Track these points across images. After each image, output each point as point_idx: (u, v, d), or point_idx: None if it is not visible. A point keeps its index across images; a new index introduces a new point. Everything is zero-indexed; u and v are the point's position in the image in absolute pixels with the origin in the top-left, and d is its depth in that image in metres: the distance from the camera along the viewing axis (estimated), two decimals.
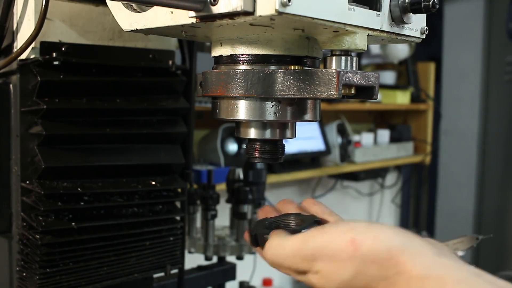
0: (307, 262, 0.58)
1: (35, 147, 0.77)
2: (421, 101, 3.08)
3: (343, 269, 0.56)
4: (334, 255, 0.56)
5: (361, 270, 0.55)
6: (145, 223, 0.88)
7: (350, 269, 0.55)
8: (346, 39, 0.59)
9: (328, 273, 0.57)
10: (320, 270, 0.58)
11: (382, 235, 0.56)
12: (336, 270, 0.56)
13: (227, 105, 0.64)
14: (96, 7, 0.82)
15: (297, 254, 0.59)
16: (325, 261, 0.57)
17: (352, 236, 0.56)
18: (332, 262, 0.56)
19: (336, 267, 0.56)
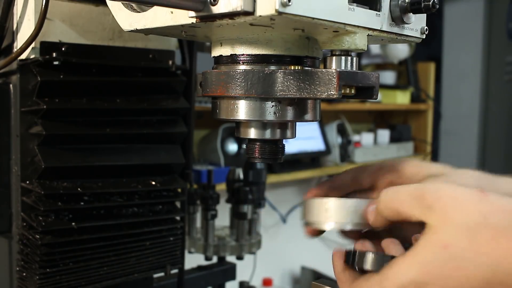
0: (424, 202, 0.52)
1: (35, 147, 0.77)
2: (421, 101, 3.08)
3: (467, 214, 0.50)
4: (458, 197, 0.51)
5: (488, 217, 0.49)
6: (145, 223, 0.88)
7: (475, 214, 0.50)
8: (346, 39, 0.59)
9: (447, 219, 0.50)
10: (437, 215, 0.51)
11: (507, 196, 0.52)
12: (458, 213, 0.50)
13: (227, 105, 0.64)
14: (96, 7, 0.82)
15: (417, 190, 0.53)
16: (446, 203, 0.51)
17: (479, 189, 0.52)
18: (455, 205, 0.50)
19: (459, 210, 0.50)
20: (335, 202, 0.65)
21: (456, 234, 0.50)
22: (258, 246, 1.48)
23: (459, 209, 0.50)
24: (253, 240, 1.47)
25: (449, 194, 0.52)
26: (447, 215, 0.50)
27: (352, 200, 0.65)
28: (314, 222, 0.67)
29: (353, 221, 0.64)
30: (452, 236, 0.50)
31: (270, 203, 2.51)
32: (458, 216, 0.50)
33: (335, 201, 0.65)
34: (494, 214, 0.50)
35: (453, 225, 0.50)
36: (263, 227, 1.55)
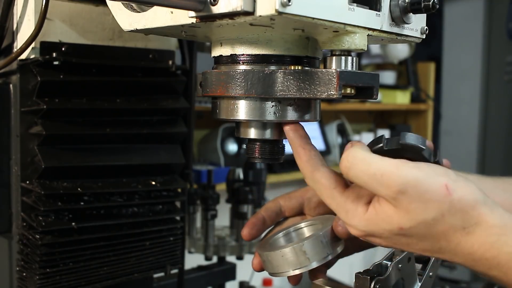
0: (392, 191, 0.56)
1: (35, 147, 0.77)
2: (421, 101, 3.08)
3: (429, 209, 0.55)
4: (425, 193, 0.55)
5: (445, 216, 0.55)
6: (145, 223, 0.88)
7: (435, 211, 0.55)
8: (346, 39, 0.59)
9: (411, 209, 0.55)
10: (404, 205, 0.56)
11: (471, 187, 0.57)
12: (421, 208, 0.55)
13: (227, 105, 0.64)
14: (96, 7, 0.82)
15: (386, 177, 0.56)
16: (413, 197, 0.55)
17: (446, 180, 0.56)
18: (421, 200, 0.55)
19: (423, 205, 0.55)
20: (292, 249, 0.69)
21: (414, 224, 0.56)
22: None
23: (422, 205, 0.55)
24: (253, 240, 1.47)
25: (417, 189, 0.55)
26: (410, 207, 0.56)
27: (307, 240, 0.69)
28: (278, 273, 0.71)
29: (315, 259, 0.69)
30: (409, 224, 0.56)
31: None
32: (419, 211, 0.55)
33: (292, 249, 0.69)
34: (451, 213, 0.55)
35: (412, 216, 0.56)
36: None
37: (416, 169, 0.56)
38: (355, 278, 0.68)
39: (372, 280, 0.67)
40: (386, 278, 0.67)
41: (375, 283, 0.67)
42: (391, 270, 0.68)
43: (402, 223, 0.56)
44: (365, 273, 0.68)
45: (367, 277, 0.67)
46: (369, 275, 0.67)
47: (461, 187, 0.56)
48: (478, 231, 0.55)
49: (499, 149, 3.36)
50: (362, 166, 0.57)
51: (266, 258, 0.72)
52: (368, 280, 0.67)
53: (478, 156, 3.47)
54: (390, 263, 0.69)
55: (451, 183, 0.56)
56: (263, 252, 0.72)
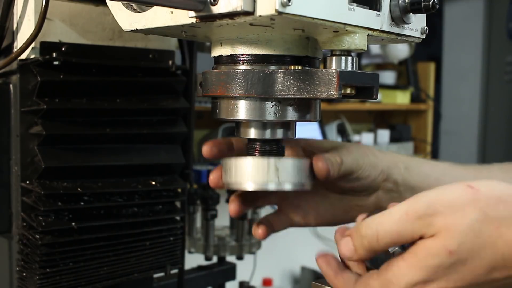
0: (422, 221, 0.50)
1: (35, 147, 0.77)
2: (421, 101, 3.08)
3: (468, 214, 0.49)
4: (453, 202, 0.50)
5: (488, 212, 0.49)
6: (145, 223, 0.88)
7: (476, 212, 0.49)
8: (346, 39, 0.59)
9: (452, 226, 0.49)
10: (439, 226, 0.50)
11: (491, 180, 0.52)
12: (460, 217, 0.49)
13: (227, 105, 0.64)
14: (96, 7, 0.82)
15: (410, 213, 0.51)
16: (445, 213, 0.50)
17: (466, 183, 0.51)
18: (453, 211, 0.49)
19: (459, 215, 0.49)
20: (266, 161, 0.63)
21: (461, 238, 0.49)
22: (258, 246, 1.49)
23: (458, 213, 0.50)
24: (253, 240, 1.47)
25: (443, 203, 0.51)
26: (448, 223, 0.50)
27: (281, 159, 0.64)
28: (241, 184, 0.65)
29: (277, 179, 0.63)
30: (457, 241, 0.49)
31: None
32: (459, 221, 0.50)
33: (257, 160, 0.63)
34: (492, 207, 0.50)
35: (456, 230, 0.49)
36: None
37: (432, 191, 0.53)
38: None
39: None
40: None
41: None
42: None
43: (448, 245, 0.49)
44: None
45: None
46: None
47: (483, 182, 0.52)
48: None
49: (499, 149, 3.36)
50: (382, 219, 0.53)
51: (232, 165, 0.65)
52: None
53: (478, 156, 3.47)
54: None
55: (472, 183, 0.52)
56: (230, 159, 0.65)
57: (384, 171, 0.73)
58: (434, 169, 0.76)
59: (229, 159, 0.66)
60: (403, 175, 0.74)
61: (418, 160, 0.78)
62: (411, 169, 0.75)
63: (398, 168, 0.74)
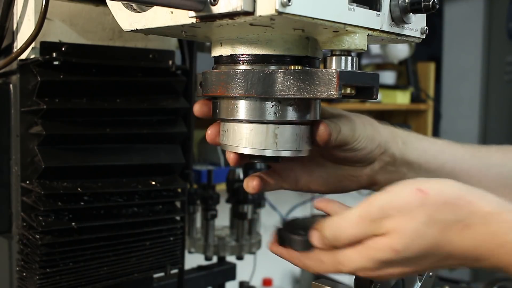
0: (375, 223, 0.55)
1: (35, 147, 0.77)
2: (421, 101, 3.08)
3: (416, 218, 0.53)
4: (403, 206, 0.54)
5: (434, 215, 0.53)
6: (145, 223, 0.88)
7: (422, 216, 0.53)
8: (346, 39, 0.59)
9: (400, 228, 0.54)
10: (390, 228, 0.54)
11: (446, 181, 0.56)
12: (408, 221, 0.54)
13: (227, 105, 0.64)
14: (96, 7, 0.82)
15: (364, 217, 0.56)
16: (395, 216, 0.54)
17: (417, 186, 0.55)
18: (402, 214, 0.54)
19: (408, 218, 0.54)
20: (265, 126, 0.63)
21: (407, 240, 0.54)
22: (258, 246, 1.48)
23: (407, 217, 0.54)
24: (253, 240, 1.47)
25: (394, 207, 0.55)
26: (397, 226, 0.54)
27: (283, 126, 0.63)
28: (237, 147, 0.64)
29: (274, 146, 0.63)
30: (403, 242, 0.54)
31: (270, 203, 2.50)
32: (407, 224, 0.54)
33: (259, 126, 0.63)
34: (437, 211, 0.54)
35: (403, 233, 0.54)
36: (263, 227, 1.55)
37: (384, 193, 0.57)
38: (355, 278, 0.68)
39: (372, 280, 0.67)
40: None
41: (375, 283, 0.67)
42: None
43: (394, 245, 0.54)
44: None
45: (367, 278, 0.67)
46: None
47: (435, 184, 0.55)
48: (476, 222, 0.53)
49: None
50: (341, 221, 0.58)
51: (229, 127, 0.65)
52: (368, 280, 0.67)
53: None
54: None
55: (423, 185, 0.55)
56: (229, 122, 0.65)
57: (382, 145, 0.73)
58: (432, 145, 0.77)
59: (228, 122, 0.65)
60: (401, 149, 0.74)
61: (417, 136, 0.78)
62: (409, 144, 0.75)
63: (396, 143, 0.74)
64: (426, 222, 0.54)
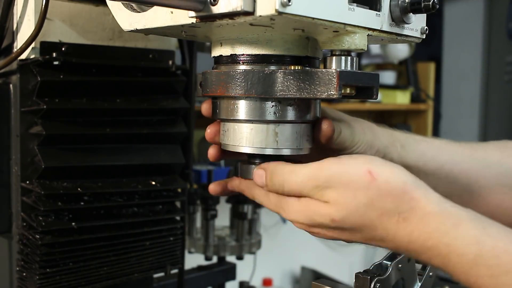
0: (319, 189, 0.57)
1: (35, 147, 0.77)
2: (421, 101, 3.07)
3: (358, 197, 0.55)
4: (349, 183, 0.56)
5: (375, 201, 0.55)
6: (145, 223, 0.88)
7: (364, 198, 0.55)
8: (346, 39, 0.59)
9: (341, 201, 0.56)
10: (332, 198, 0.57)
11: (397, 170, 0.57)
12: (350, 198, 0.56)
13: (227, 105, 0.64)
14: (96, 7, 0.82)
15: (311, 179, 0.58)
16: (339, 189, 0.56)
17: (369, 167, 0.56)
18: (347, 190, 0.56)
19: (351, 194, 0.56)
20: (265, 125, 0.63)
21: (345, 214, 0.56)
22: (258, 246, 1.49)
23: (350, 193, 0.56)
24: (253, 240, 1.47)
25: (341, 181, 0.57)
26: (339, 198, 0.57)
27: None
28: (237, 146, 0.65)
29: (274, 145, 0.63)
30: (341, 214, 0.57)
31: None
32: (348, 200, 0.56)
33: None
34: (380, 198, 0.55)
35: (343, 206, 0.56)
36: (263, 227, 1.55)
37: (337, 163, 0.58)
38: (355, 278, 0.68)
39: (372, 280, 0.67)
40: (386, 278, 0.67)
41: (375, 283, 0.67)
42: (391, 270, 0.68)
43: (333, 215, 0.57)
44: (365, 273, 0.68)
45: (367, 277, 0.67)
46: (369, 275, 0.67)
47: (386, 171, 0.56)
48: (415, 219, 0.55)
49: None
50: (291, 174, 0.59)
51: (229, 127, 0.65)
52: (368, 280, 0.67)
53: None
54: (390, 263, 0.69)
55: (374, 168, 0.56)
56: (229, 121, 0.65)
57: (381, 150, 0.73)
58: (430, 146, 0.77)
59: (228, 122, 0.66)
60: (400, 153, 0.75)
61: (415, 138, 0.78)
62: (408, 147, 0.76)
63: (395, 147, 0.75)
64: (367, 204, 0.55)
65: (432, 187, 0.76)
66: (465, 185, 0.75)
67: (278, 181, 0.61)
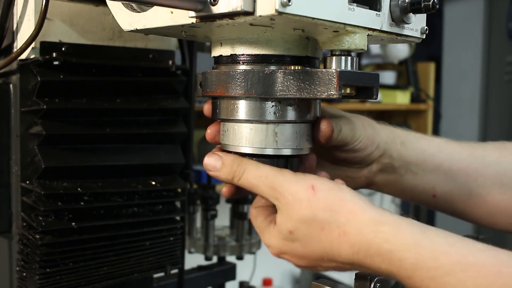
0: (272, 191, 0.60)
1: (35, 147, 0.77)
2: (421, 101, 3.08)
3: (303, 208, 0.58)
4: (296, 193, 0.59)
5: (316, 214, 0.58)
6: (145, 223, 0.88)
7: (308, 210, 0.58)
8: (346, 39, 0.59)
9: (289, 211, 0.59)
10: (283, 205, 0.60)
11: (338, 187, 0.60)
12: (297, 208, 0.59)
13: (227, 105, 0.64)
14: (96, 7, 0.82)
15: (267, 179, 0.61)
16: (287, 198, 0.59)
17: (313, 182, 0.59)
18: (295, 200, 0.59)
19: (298, 205, 0.58)
20: (265, 125, 0.64)
21: (295, 225, 0.59)
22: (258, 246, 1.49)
23: (296, 205, 0.59)
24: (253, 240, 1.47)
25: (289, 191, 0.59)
26: (289, 208, 0.59)
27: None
28: (237, 146, 0.65)
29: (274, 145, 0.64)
30: (292, 225, 0.59)
31: None
32: (296, 211, 0.59)
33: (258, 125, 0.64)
34: (321, 211, 0.58)
35: (293, 217, 0.59)
36: None
37: (290, 174, 0.60)
38: (355, 278, 0.68)
39: (372, 280, 0.67)
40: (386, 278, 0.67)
41: (375, 283, 0.67)
42: None
43: (289, 226, 0.59)
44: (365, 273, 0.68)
45: (367, 277, 0.67)
46: (369, 275, 0.67)
47: (327, 186, 0.59)
48: (353, 230, 0.56)
49: None
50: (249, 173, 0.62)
51: (229, 127, 0.65)
52: (368, 280, 0.67)
53: None
54: None
55: (318, 183, 0.59)
56: (229, 122, 0.65)
57: (381, 146, 0.73)
58: (430, 144, 0.78)
59: (228, 122, 0.66)
60: (399, 150, 0.75)
61: (415, 135, 0.78)
62: (408, 144, 0.76)
63: (395, 144, 0.75)
64: (310, 217, 0.58)
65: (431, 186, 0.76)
66: (464, 184, 0.75)
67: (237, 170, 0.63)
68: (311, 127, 0.66)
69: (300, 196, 0.58)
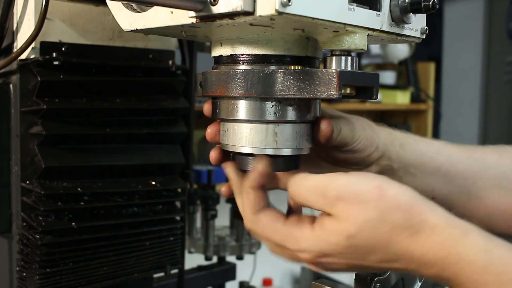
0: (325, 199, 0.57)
1: (35, 147, 0.77)
2: (421, 101, 3.08)
3: (368, 210, 0.55)
4: (359, 196, 0.55)
5: (386, 214, 0.55)
6: (145, 223, 0.88)
7: (375, 211, 0.55)
8: (346, 39, 0.59)
9: (350, 214, 0.55)
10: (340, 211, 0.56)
11: (405, 188, 0.57)
12: (361, 210, 0.55)
13: (227, 105, 0.64)
14: (96, 7, 0.82)
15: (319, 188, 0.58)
16: (348, 202, 0.56)
17: (378, 182, 0.56)
18: (356, 203, 0.55)
19: (361, 208, 0.55)
20: (264, 125, 0.63)
21: (358, 228, 0.55)
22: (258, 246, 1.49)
23: (360, 206, 0.55)
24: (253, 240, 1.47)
25: (350, 192, 0.56)
26: (349, 211, 0.55)
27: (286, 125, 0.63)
28: (237, 146, 0.64)
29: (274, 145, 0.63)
30: (354, 228, 0.55)
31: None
32: (358, 213, 0.55)
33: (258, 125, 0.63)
34: (390, 212, 0.55)
35: (355, 220, 0.55)
36: None
37: (348, 176, 0.57)
38: (355, 278, 0.68)
39: (372, 280, 0.67)
40: (386, 278, 0.67)
41: (375, 283, 0.67)
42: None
43: (348, 229, 0.55)
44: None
45: (367, 277, 0.67)
46: (369, 275, 0.67)
47: (394, 187, 0.57)
48: (425, 232, 0.55)
49: None
50: (302, 182, 0.59)
51: (229, 127, 0.65)
52: (368, 280, 0.67)
53: None
54: None
55: (383, 184, 0.56)
56: (229, 121, 0.65)
57: (380, 148, 0.73)
58: (429, 147, 0.77)
59: (228, 122, 0.65)
60: (398, 152, 0.75)
61: (414, 138, 0.78)
62: (407, 146, 0.76)
63: (394, 146, 0.75)
64: (378, 218, 0.55)
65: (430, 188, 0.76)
66: (463, 186, 0.75)
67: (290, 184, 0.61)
68: (311, 127, 0.66)
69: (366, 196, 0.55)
